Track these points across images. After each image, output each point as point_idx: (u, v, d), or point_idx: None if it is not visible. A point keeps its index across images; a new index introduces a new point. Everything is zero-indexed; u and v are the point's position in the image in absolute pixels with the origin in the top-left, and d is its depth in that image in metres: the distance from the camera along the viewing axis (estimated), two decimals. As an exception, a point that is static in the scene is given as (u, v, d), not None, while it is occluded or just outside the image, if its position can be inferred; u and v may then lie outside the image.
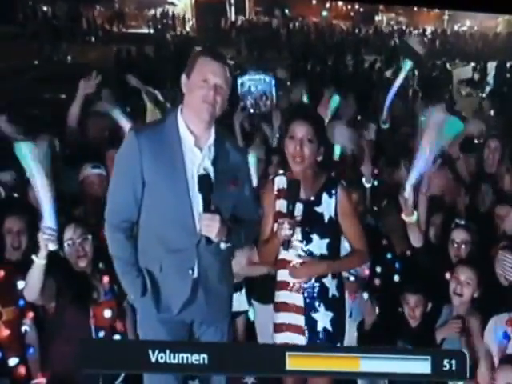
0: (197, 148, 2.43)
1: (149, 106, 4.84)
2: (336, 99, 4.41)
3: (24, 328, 3.07)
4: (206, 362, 1.90)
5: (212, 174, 2.42)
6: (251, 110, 5.78)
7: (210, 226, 2.36)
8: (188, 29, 16.32)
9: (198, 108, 2.40)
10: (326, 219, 2.66)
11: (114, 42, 11.35)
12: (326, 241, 2.66)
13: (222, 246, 2.47)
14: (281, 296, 2.71)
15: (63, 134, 4.26)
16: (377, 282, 3.55)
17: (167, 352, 1.90)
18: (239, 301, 3.51)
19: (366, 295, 3.56)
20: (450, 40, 19.24)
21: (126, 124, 4.03)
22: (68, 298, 2.97)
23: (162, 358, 1.90)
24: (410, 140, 4.04)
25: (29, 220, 3.13)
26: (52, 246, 2.65)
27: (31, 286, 2.78)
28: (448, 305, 3.17)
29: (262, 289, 3.48)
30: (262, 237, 2.74)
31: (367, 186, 4.11)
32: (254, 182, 3.68)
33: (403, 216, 3.11)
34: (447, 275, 3.26)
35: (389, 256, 3.58)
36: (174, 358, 1.90)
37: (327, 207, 2.66)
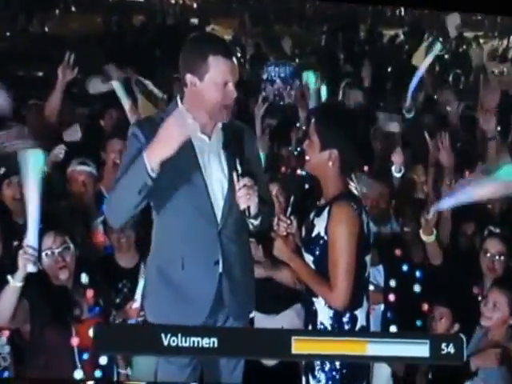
0: (204, 135, 2.66)
1: (140, 98, 4.66)
2: (311, 77, 4.65)
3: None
4: (215, 345, 2.31)
5: (224, 160, 2.66)
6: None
7: (249, 195, 2.55)
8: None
9: (215, 112, 2.59)
10: (314, 234, 2.69)
11: (100, 11, 11.60)
12: (311, 257, 2.71)
13: (255, 222, 2.66)
14: None
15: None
16: (391, 297, 3.73)
17: (179, 336, 2.30)
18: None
19: (382, 307, 3.77)
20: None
21: (126, 103, 4.15)
22: (46, 317, 3.00)
23: (174, 341, 2.29)
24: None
25: (4, 229, 3.20)
26: (31, 268, 2.71)
27: (2, 310, 2.81)
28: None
29: (264, 297, 3.57)
30: None
31: (398, 176, 4.28)
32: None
33: (421, 235, 3.37)
34: (475, 290, 3.47)
35: (405, 268, 3.75)
36: (186, 341, 2.29)
37: (321, 221, 2.68)
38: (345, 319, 2.69)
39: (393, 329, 3.72)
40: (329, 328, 2.68)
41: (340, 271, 2.60)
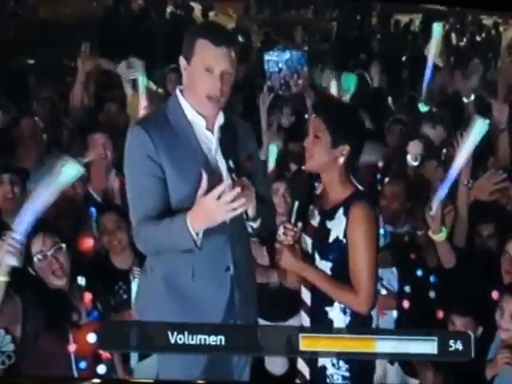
0: (208, 131, 2.65)
1: (128, 92, 4.66)
2: (351, 79, 4.68)
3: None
4: (223, 343, 2.41)
5: (222, 156, 2.63)
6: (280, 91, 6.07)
7: (245, 196, 2.49)
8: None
9: (200, 103, 2.54)
10: (331, 239, 2.68)
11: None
12: (329, 264, 2.69)
13: (254, 225, 2.67)
14: None
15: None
16: (406, 304, 3.73)
17: (186, 333, 2.40)
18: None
19: (395, 313, 3.77)
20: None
21: (143, 100, 4.19)
22: (40, 323, 2.98)
23: (180, 339, 2.39)
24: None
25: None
26: (12, 261, 2.66)
27: None
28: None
29: (269, 304, 3.61)
30: None
31: (414, 164, 4.32)
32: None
33: (430, 234, 3.37)
34: (494, 295, 3.42)
35: (419, 273, 3.74)
36: (193, 339, 2.39)
37: (337, 224, 2.67)
38: (362, 322, 2.73)
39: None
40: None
41: (365, 274, 2.63)
